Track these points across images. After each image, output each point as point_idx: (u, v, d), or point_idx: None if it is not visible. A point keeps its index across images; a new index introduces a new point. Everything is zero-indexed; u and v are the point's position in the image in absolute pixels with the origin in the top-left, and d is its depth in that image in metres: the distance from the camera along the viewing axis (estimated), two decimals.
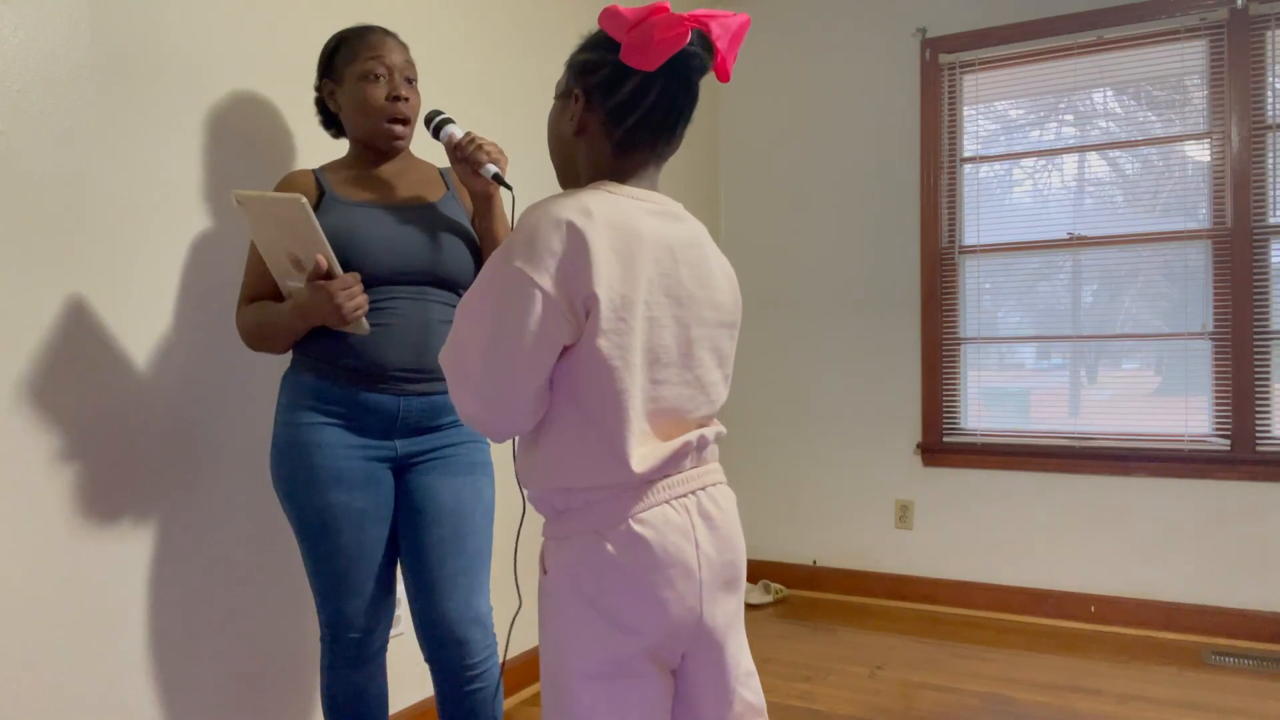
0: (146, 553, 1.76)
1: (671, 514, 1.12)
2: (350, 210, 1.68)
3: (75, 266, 1.64)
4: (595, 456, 1.09)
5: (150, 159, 1.77)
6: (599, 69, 1.11)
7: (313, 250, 1.52)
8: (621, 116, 1.12)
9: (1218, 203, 3.29)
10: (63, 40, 1.62)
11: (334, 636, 1.72)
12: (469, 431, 1.77)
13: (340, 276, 1.55)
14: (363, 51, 1.70)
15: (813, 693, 2.77)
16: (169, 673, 1.80)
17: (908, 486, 3.77)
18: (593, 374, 1.07)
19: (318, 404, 1.66)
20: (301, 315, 1.58)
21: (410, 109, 1.73)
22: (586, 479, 1.10)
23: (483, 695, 1.72)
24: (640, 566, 1.09)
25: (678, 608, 1.12)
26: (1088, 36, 3.45)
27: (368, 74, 1.69)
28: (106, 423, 1.69)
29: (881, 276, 3.82)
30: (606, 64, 1.11)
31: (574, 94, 1.14)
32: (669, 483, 1.14)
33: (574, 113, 1.14)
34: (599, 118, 1.13)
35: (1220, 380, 3.27)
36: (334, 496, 1.64)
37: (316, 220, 1.50)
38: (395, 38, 1.74)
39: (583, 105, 1.13)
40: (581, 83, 1.13)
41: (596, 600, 1.10)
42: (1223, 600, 3.27)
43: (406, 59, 1.74)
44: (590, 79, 1.12)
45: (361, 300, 1.56)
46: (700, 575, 1.13)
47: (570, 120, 1.14)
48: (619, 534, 1.09)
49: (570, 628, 1.12)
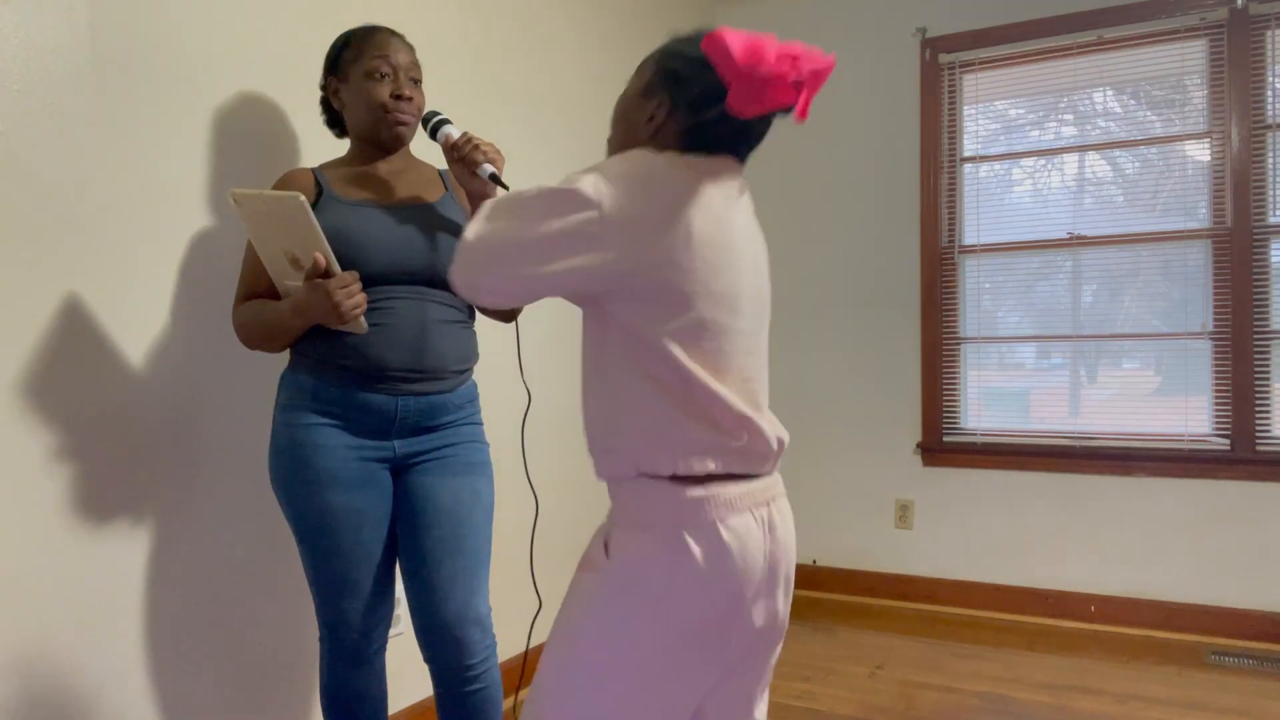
0: (146, 552, 1.76)
1: (753, 524, 1.10)
2: (348, 209, 1.68)
3: (75, 265, 1.64)
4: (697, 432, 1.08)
5: (150, 159, 1.77)
6: (691, 86, 1.12)
7: (311, 249, 1.52)
8: (700, 137, 1.13)
9: (1218, 202, 3.29)
10: (63, 40, 1.62)
11: (333, 637, 1.72)
12: (468, 432, 1.77)
13: (338, 275, 1.54)
14: (369, 50, 1.71)
15: (813, 693, 2.77)
16: (169, 672, 1.80)
17: (908, 486, 3.77)
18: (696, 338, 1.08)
19: (315, 404, 1.65)
20: (299, 314, 1.58)
21: (413, 109, 1.73)
22: (683, 461, 1.07)
23: (482, 696, 1.72)
24: (718, 575, 1.06)
25: (737, 626, 1.09)
26: (1087, 36, 3.45)
27: (373, 72, 1.70)
28: (106, 422, 1.69)
29: (881, 276, 3.82)
30: (699, 84, 1.11)
31: (659, 99, 1.15)
32: (753, 488, 1.11)
33: (653, 114, 1.15)
34: (677, 128, 1.14)
35: (1220, 380, 3.27)
36: (332, 497, 1.64)
37: (315, 219, 1.50)
38: (402, 38, 1.75)
39: (665, 113, 1.14)
40: (670, 91, 1.14)
41: (662, 599, 1.06)
42: (1223, 600, 3.27)
43: (412, 60, 1.74)
44: (679, 91, 1.13)
45: (360, 299, 1.55)
46: (763, 599, 1.11)
47: (648, 122, 1.16)
48: (704, 534, 1.06)
49: (621, 622, 1.08)
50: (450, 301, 1.72)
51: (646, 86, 1.17)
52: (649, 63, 1.18)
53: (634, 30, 3.47)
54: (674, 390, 1.08)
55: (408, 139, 1.75)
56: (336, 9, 2.17)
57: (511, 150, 2.80)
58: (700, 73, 1.11)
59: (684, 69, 1.13)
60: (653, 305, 1.07)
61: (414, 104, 1.73)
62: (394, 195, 1.74)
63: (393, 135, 1.73)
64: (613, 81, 3.32)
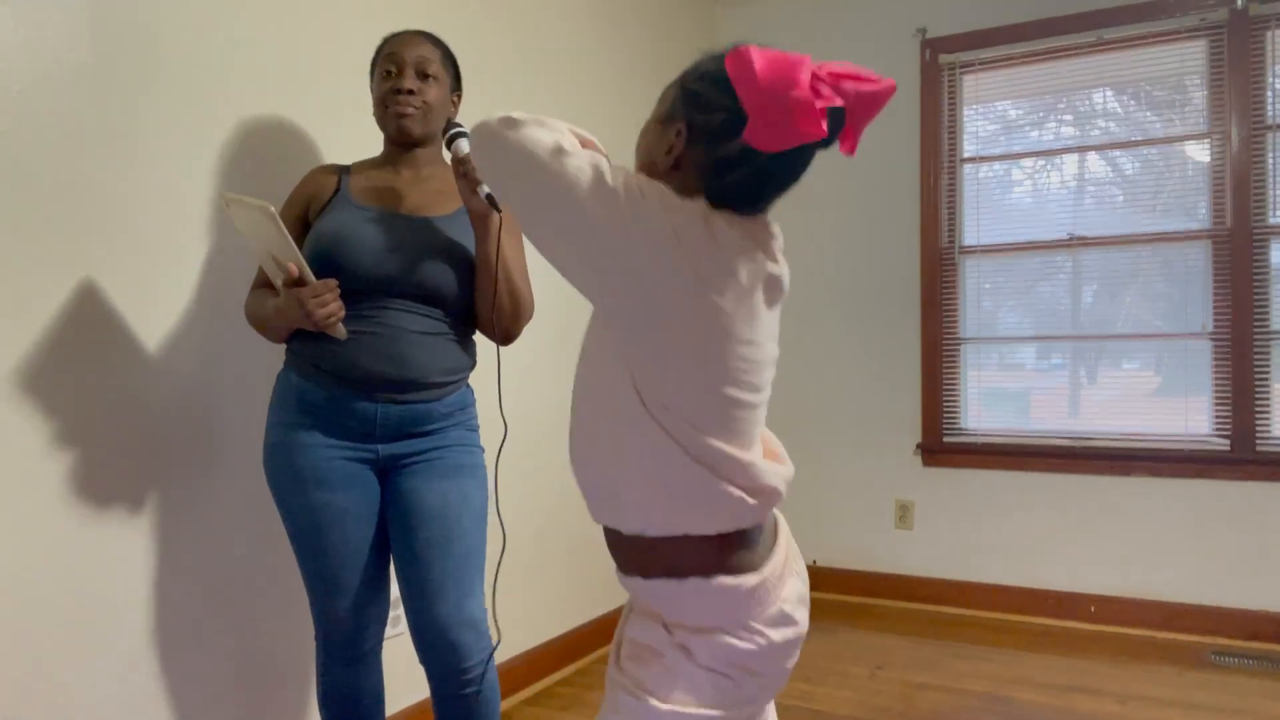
0: (147, 550, 1.76)
1: (799, 585, 1.08)
2: (353, 213, 1.69)
3: (76, 266, 1.64)
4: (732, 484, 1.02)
5: (151, 158, 1.77)
6: (712, 112, 0.99)
7: (286, 257, 1.56)
8: (721, 172, 1.00)
9: (1218, 203, 3.29)
10: (63, 40, 1.62)
11: (325, 635, 1.73)
12: (457, 434, 1.75)
13: (311, 284, 1.56)
14: (384, 51, 1.75)
15: (813, 693, 2.77)
16: (169, 670, 1.80)
17: (908, 486, 3.77)
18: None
19: (300, 404, 1.67)
20: (280, 317, 1.63)
21: (417, 101, 1.72)
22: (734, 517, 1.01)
23: (478, 698, 1.71)
24: (778, 655, 1.05)
25: (790, 664, 1.09)
26: (1088, 37, 3.45)
27: (383, 72, 1.73)
28: (106, 422, 1.69)
29: (881, 277, 3.82)
30: (721, 110, 0.98)
31: (677, 126, 1.02)
32: (786, 536, 1.10)
33: (672, 145, 1.03)
34: (697, 161, 1.01)
35: (1220, 380, 3.27)
36: (316, 496, 1.65)
37: (284, 228, 1.52)
38: (423, 35, 1.75)
39: (683, 143, 1.02)
40: (688, 117, 1.01)
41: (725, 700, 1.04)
42: (1223, 600, 3.27)
43: (422, 54, 1.73)
44: (699, 117, 1.00)
45: (334, 308, 1.56)
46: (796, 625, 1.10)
47: (666, 153, 1.03)
48: (769, 618, 1.05)
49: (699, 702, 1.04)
50: (435, 315, 1.71)
51: (668, 112, 1.04)
52: (673, 85, 1.06)
53: (635, 30, 3.47)
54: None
55: (414, 132, 1.74)
56: (337, 9, 2.17)
57: None
58: (721, 96, 0.98)
59: (705, 90, 1.00)
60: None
61: (419, 96, 1.72)
62: (404, 203, 1.75)
63: (396, 128, 1.73)
64: (613, 82, 3.32)
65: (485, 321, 1.76)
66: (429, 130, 1.76)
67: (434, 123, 1.76)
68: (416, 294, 1.68)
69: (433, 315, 1.70)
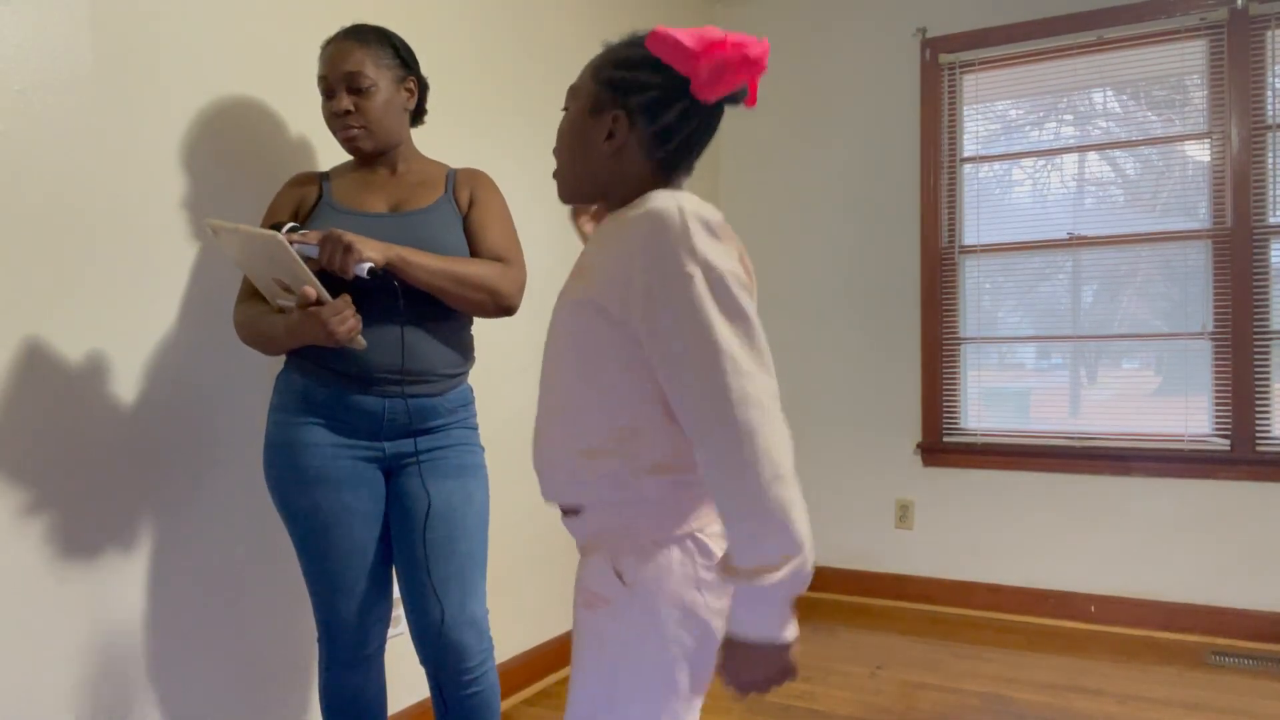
0: (147, 551, 1.76)
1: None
2: (339, 219, 1.70)
3: (76, 266, 1.64)
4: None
5: (151, 159, 1.76)
6: (645, 90, 1.10)
7: (300, 281, 1.52)
8: (666, 139, 1.12)
9: (1218, 203, 3.29)
10: (63, 40, 1.62)
11: (329, 636, 1.72)
12: (460, 435, 1.76)
13: (330, 303, 1.53)
14: (320, 64, 1.73)
15: (813, 693, 2.77)
16: (169, 672, 1.80)
17: (908, 486, 3.77)
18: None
19: (306, 404, 1.67)
20: (294, 336, 1.58)
21: (357, 119, 1.70)
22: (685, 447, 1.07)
23: (480, 699, 1.71)
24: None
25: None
26: (1088, 36, 3.45)
27: (323, 92, 1.72)
28: (105, 422, 1.69)
29: (881, 276, 3.82)
30: (653, 87, 1.10)
31: (613, 113, 1.12)
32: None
33: (612, 130, 1.12)
34: (640, 138, 1.12)
35: (1220, 380, 3.27)
36: (322, 496, 1.65)
37: (296, 255, 1.49)
38: (348, 39, 1.70)
39: (625, 124, 1.12)
40: (624, 102, 1.12)
41: (702, 645, 1.06)
42: (1223, 600, 3.27)
43: (348, 69, 1.68)
44: (634, 99, 1.11)
45: (354, 324, 1.55)
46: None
47: (607, 140, 1.13)
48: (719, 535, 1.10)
49: (653, 679, 1.05)
50: (434, 306, 1.70)
51: (593, 105, 1.14)
52: (584, 83, 1.16)
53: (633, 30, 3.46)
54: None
55: (365, 149, 1.73)
56: (337, 8, 2.17)
57: (510, 150, 2.80)
58: (653, 74, 1.10)
59: (632, 74, 1.11)
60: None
61: (357, 116, 1.70)
62: (385, 202, 1.76)
63: (349, 150, 1.74)
64: None
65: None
66: (381, 142, 1.73)
67: (385, 132, 1.73)
68: (412, 288, 1.68)
69: (431, 306, 1.70)
